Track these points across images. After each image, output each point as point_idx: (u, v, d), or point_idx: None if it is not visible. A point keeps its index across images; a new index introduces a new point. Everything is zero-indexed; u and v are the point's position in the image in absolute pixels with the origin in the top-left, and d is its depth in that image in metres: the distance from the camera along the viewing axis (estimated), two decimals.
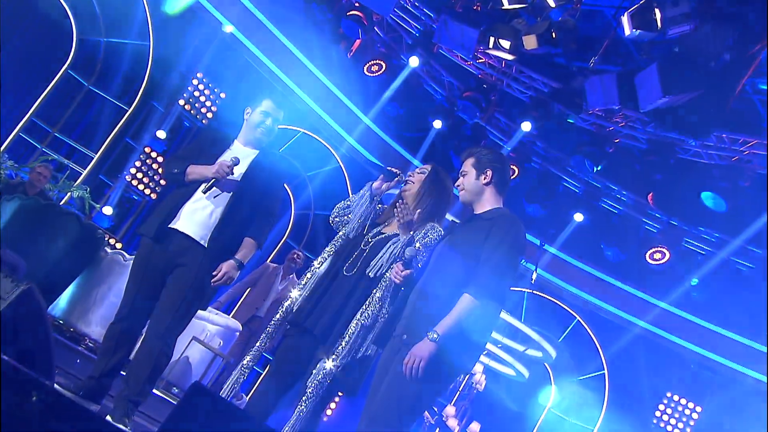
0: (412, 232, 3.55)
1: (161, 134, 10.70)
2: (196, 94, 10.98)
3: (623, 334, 12.28)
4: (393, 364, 3.14)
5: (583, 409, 12.09)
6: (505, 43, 9.45)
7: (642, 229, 11.70)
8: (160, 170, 10.70)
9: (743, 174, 9.88)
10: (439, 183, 3.74)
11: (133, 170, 10.56)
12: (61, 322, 6.29)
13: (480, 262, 3.08)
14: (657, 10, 7.69)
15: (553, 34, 8.86)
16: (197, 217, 3.90)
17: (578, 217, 11.72)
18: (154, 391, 5.91)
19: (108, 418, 3.62)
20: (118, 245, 10.06)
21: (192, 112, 10.96)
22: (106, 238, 9.76)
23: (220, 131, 4.20)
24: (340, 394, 3.67)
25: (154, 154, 10.67)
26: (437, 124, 11.73)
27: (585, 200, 11.77)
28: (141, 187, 10.58)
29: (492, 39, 9.59)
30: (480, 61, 11.25)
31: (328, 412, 10.09)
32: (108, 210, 10.35)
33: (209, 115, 11.07)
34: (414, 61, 11.09)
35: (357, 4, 10.82)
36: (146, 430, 3.99)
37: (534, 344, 10.30)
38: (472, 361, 3.14)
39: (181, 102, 10.86)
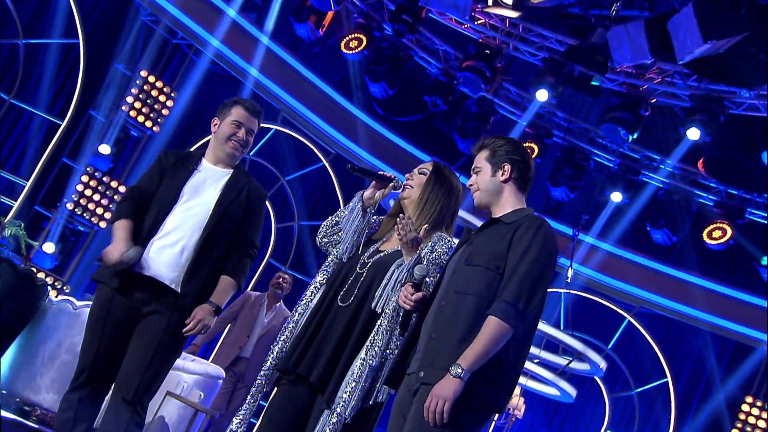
0: (419, 250, 3.53)
1: (105, 149, 10.65)
2: (143, 96, 10.94)
3: (685, 333, 12.24)
4: (410, 408, 3.11)
5: (647, 425, 12.05)
6: None
7: (695, 203, 11.67)
8: (108, 192, 10.65)
9: None
10: (444, 184, 3.72)
11: (75, 196, 10.48)
12: (3, 392, 6.26)
13: (504, 276, 3.07)
14: None
15: None
16: (165, 256, 3.96)
17: (616, 197, 11.70)
18: None
19: None
20: (66, 288, 9.99)
21: (140, 119, 10.92)
22: (50, 282, 9.73)
23: (180, 152, 4.25)
24: None
25: (98, 174, 10.61)
26: (435, 104, 11.72)
27: (622, 176, 11.74)
28: (87, 215, 10.51)
29: None
30: (479, 22, 11.20)
31: None
32: (49, 247, 10.28)
33: (160, 120, 11.04)
34: (400, 31, 11.05)
35: None
36: None
37: (578, 356, 10.27)
38: (507, 397, 3.10)
39: (125, 108, 10.81)
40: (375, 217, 3.86)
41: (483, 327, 3.01)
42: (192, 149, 10.60)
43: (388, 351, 3.46)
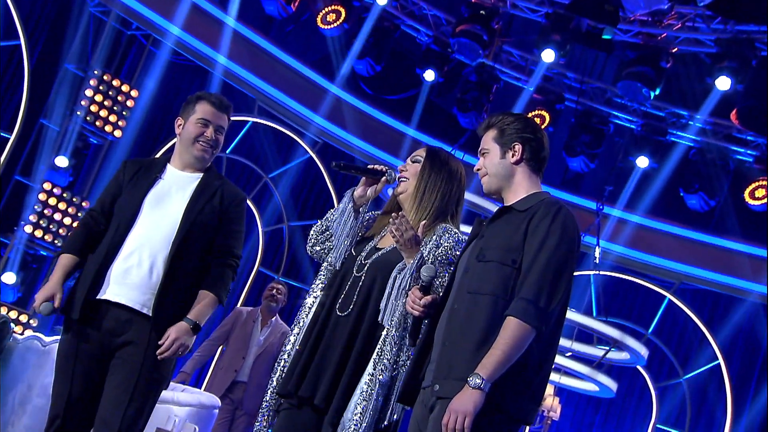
0: (421, 248, 3.53)
1: (62, 162, 10.63)
2: (99, 98, 10.91)
3: (733, 307, 12.24)
4: (428, 425, 3.13)
5: (701, 414, 12.06)
6: None
7: (732, 161, 11.64)
8: (70, 210, 10.63)
9: None
10: (441, 168, 3.74)
11: (32, 217, 10.46)
12: None
13: (522, 271, 3.09)
14: None
15: None
16: (132, 278, 3.97)
17: (642, 162, 11.71)
18: None
19: None
20: (33, 322, 9.98)
21: (98, 123, 10.90)
22: (13, 318, 9.72)
23: (143, 161, 4.26)
24: None
25: (57, 190, 10.60)
26: (429, 75, 11.73)
27: (647, 138, 11.73)
28: (48, 237, 10.50)
29: None
30: None
31: None
32: (9, 278, 10.26)
33: (122, 123, 11.02)
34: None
35: None
36: None
37: (615, 345, 10.28)
38: (535, 406, 3.12)
39: (81, 113, 10.79)
40: (370, 213, 3.88)
41: (501, 330, 3.01)
42: (160, 153, 10.83)
43: (399, 363, 3.47)
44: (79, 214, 10.45)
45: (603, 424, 12.46)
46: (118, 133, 11.02)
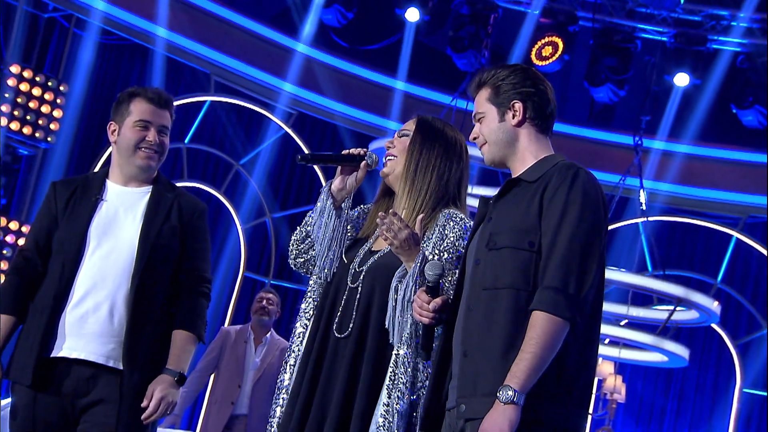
0: (422, 246, 3.52)
1: None
2: (22, 100, 10.83)
3: None
4: None
5: None
6: None
7: None
8: (7, 239, 10.60)
9: None
10: (435, 140, 3.73)
11: None
12: None
13: (543, 254, 3.10)
14: None
15: None
16: (90, 327, 3.98)
17: (681, 80, 11.70)
18: None
19: None
20: None
21: (26, 131, 10.81)
22: None
23: (75, 180, 4.25)
24: None
25: None
26: (412, 14, 11.70)
27: (683, 50, 11.67)
28: None
29: None
30: None
31: None
32: None
33: (54, 126, 10.96)
34: None
35: None
36: None
37: (679, 303, 10.27)
38: (582, 411, 3.12)
39: (3, 121, 10.72)
40: (359, 207, 3.88)
41: (528, 328, 3.01)
42: (98, 167, 10.76)
43: (417, 385, 3.48)
44: (20, 242, 10.38)
45: (678, 397, 12.48)
46: (51, 139, 10.95)
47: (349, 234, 3.78)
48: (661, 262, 11.93)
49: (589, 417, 10.30)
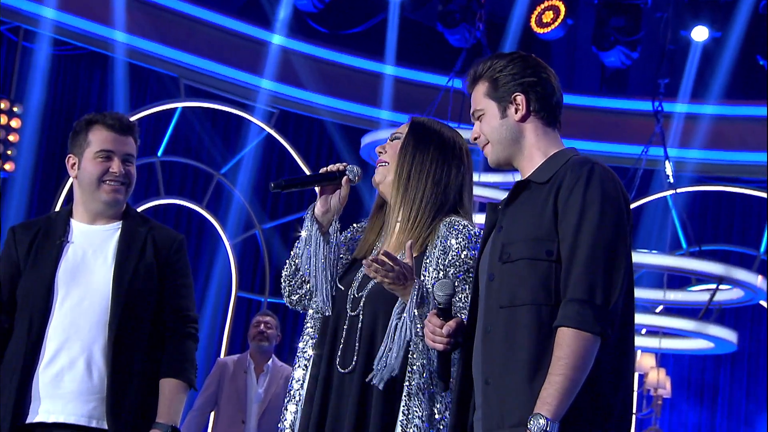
0: (422, 274, 3.51)
1: None
2: None
3: None
4: None
5: None
6: None
7: None
8: None
9: None
10: (430, 143, 3.70)
11: None
12: None
13: (563, 263, 3.07)
14: None
15: None
16: (67, 385, 3.98)
17: (699, 34, 11.70)
18: None
19: None
20: None
21: None
22: None
23: (36, 222, 4.25)
24: None
25: None
26: None
27: (698, 1, 11.65)
28: None
29: None
30: None
31: None
32: None
33: (11, 152, 10.95)
34: None
35: None
36: None
37: (721, 281, 10.23)
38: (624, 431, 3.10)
39: None
40: (353, 227, 3.87)
41: (555, 347, 2.99)
42: (64, 193, 10.73)
43: (435, 418, 3.47)
44: None
45: (729, 386, 12.47)
46: (9, 167, 10.93)
47: (343, 258, 3.76)
48: (696, 238, 11.89)
49: (634, 417, 10.30)
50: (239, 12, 12.34)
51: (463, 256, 3.52)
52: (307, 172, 12.49)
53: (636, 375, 11.28)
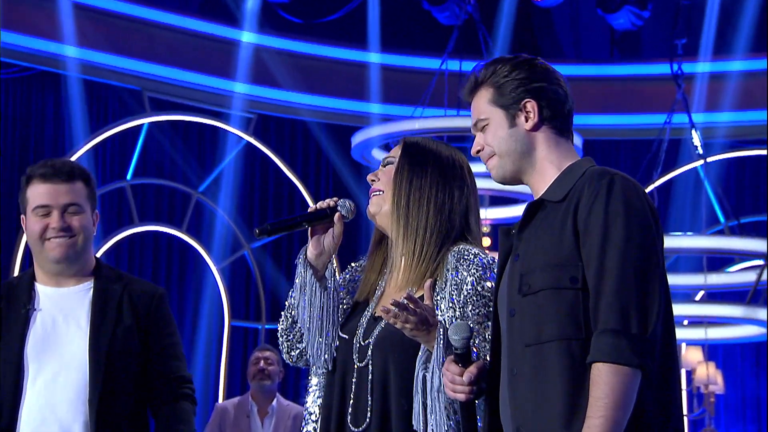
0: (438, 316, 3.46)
1: None
2: None
3: None
4: None
5: None
6: None
7: None
8: None
9: None
10: (427, 167, 3.68)
11: None
12: None
13: (591, 289, 3.06)
14: None
15: None
16: None
17: None
18: None
19: None
20: None
21: None
22: None
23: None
24: None
25: None
26: None
27: None
28: None
29: None
30: None
31: None
32: None
33: None
34: None
35: None
36: None
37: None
38: None
39: None
40: (350, 266, 3.85)
41: (591, 387, 2.98)
42: (17, 269, 10.60)
43: None
44: None
45: None
46: None
47: (344, 304, 3.76)
48: (734, 210, 11.93)
49: (685, 419, 10.26)
50: (200, 10, 12.37)
51: (478, 289, 3.50)
52: (295, 180, 12.51)
53: (683, 371, 11.27)
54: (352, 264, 3.88)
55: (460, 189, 3.66)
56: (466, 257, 3.55)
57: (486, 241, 11.78)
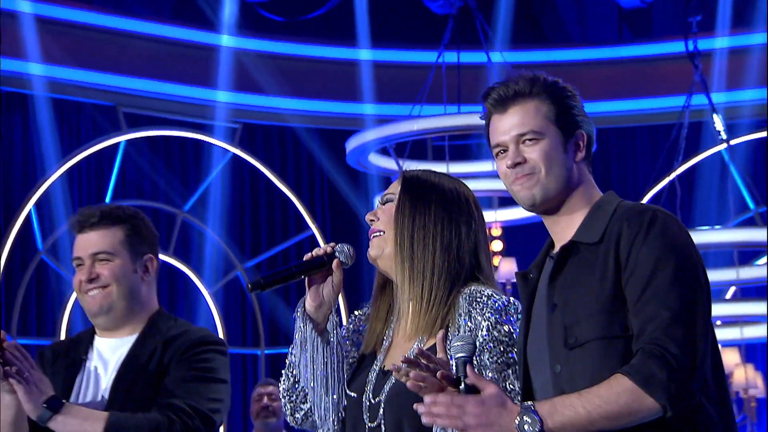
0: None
1: None
2: None
3: None
4: None
5: None
6: None
7: None
8: None
9: None
10: (430, 203, 3.64)
11: None
12: None
13: (635, 331, 3.08)
14: None
15: None
16: None
17: None
18: None
19: None
20: None
21: None
22: None
23: (67, 342, 4.60)
24: None
25: None
26: None
27: None
28: None
29: None
30: None
31: None
32: None
33: None
34: None
35: None
36: None
37: None
38: None
39: None
40: (353, 315, 3.83)
41: (603, 384, 3.01)
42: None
43: None
44: None
45: None
46: None
47: (349, 357, 3.73)
48: (763, 195, 11.95)
49: None
50: (174, 16, 12.35)
51: (495, 335, 3.47)
52: (288, 192, 12.48)
53: None
54: (356, 312, 3.88)
55: (467, 224, 3.65)
56: (479, 300, 3.52)
57: (497, 245, 11.74)
